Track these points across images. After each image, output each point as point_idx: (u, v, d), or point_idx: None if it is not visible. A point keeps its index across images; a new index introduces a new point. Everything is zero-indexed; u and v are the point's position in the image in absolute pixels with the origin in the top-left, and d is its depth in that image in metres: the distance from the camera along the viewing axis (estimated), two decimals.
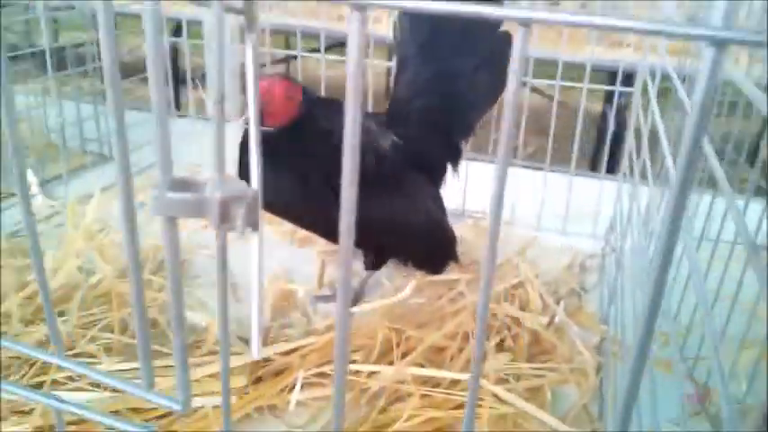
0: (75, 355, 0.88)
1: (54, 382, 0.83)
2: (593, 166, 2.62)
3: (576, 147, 1.47)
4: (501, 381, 0.93)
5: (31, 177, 1.45)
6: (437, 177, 1.23)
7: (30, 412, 0.78)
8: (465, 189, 1.50)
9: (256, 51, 0.30)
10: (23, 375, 0.84)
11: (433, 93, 1.19)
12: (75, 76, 1.61)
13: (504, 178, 0.30)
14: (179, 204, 0.29)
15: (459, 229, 1.44)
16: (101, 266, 1.08)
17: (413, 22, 1.18)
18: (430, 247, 1.16)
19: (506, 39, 1.18)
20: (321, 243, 1.29)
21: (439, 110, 1.18)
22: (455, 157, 1.25)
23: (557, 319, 1.07)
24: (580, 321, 1.09)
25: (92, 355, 0.88)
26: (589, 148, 2.78)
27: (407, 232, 1.10)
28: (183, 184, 0.30)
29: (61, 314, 0.96)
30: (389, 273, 1.23)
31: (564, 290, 1.21)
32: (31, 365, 0.85)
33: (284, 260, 1.25)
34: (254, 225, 0.28)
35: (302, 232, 1.35)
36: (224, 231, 0.30)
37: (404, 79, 1.21)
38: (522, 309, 1.10)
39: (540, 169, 1.56)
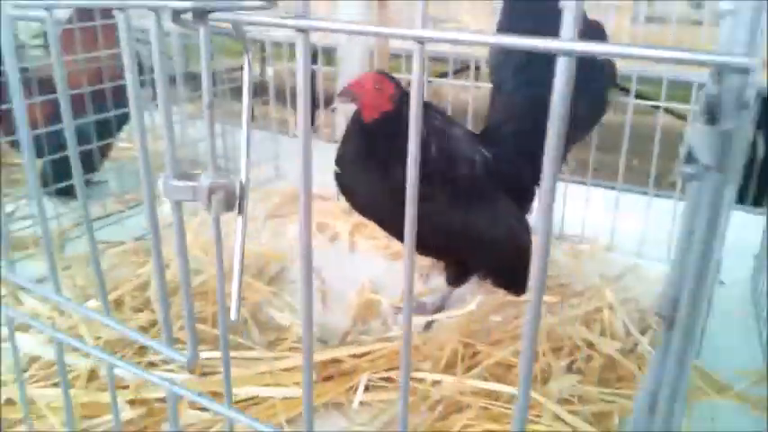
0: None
1: (150, 364, 0.95)
2: (741, 198, 2.45)
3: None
4: (565, 402, 0.92)
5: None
6: (524, 201, 1.24)
7: (126, 387, 0.90)
8: (563, 212, 1.48)
9: (250, 71, 0.37)
10: (124, 356, 0.98)
11: (526, 117, 1.20)
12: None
13: (552, 191, 0.30)
14: (180, 190, 0.36)
15: (555, 252, 1.44)
16: (206, 267, 1.21)
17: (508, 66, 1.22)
18: (510, 265, 1.16)
19: (603, 67, 1.19)
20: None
21: (530, 134, 1.18)
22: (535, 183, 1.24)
23: (639, 347, 1.03)
24: None
25: (182, 342, 1.00)
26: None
27: (487, 247, 1.11)
28: (186, 176, 0.37)
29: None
30: (474, 289, 1.24)
31: (655, 319, 1.16)
32: (132, 347, 0.99)
33: (374, 272, 1.32)
34: (231, 209, 0.35)
35: (395, 246, 1.42)
36: (216, 213, 0.36)
37: (499, 102, 1.24)
38: (603, 334, 1.07)
39: (645, 193, 1.50)
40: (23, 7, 0.40)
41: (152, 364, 0.96)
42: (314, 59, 2.51)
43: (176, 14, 0.33)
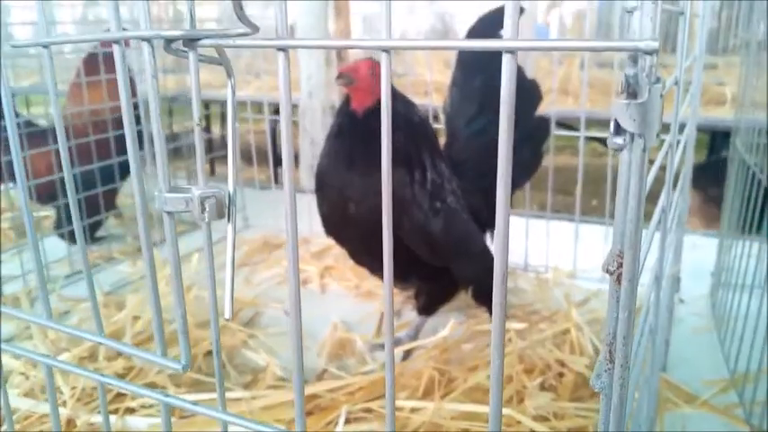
0: (148, 384, 1.00)
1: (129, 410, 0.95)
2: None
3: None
4: (541, 419, 0.94)
5: (130, 240, 1.66)
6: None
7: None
8: (526, 244, 1.54)
9: (233, 94, 0.41)
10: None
11: (480, 163, 1.26)
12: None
13: (506, 218, 0.33)
14: (174, 201, 0.39)
15: (521, 281, 1.49)
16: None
17: (462, 97, 1.29)
18: (488, 279, 1.16)
19: (545, 122, 1.31)
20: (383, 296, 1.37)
21: (482, 179, 1.23)
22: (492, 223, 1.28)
23: None
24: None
25: (163, 386, 1.00)
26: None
27: (474, 257, 1.13)
28: (178, 189, 0.40)
29: None
30: (444, 320, 1.27)
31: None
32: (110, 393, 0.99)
33: (346, 312, 1.34)
34: (221, 216, 0.38)
35: (364, 286, 1.44)
36: (207, 222, 0.39)
37: (455, 148, 1.31)
38: (572, 352, 1.11)
39: (603, 223, 1.59)
40: (21, 47, 0.44)
41: (130, 410, 0.96)
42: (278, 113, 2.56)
43: (168, 43, 0.38)
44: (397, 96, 1.08)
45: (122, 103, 0.40)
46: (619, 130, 0.28)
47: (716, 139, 3.27)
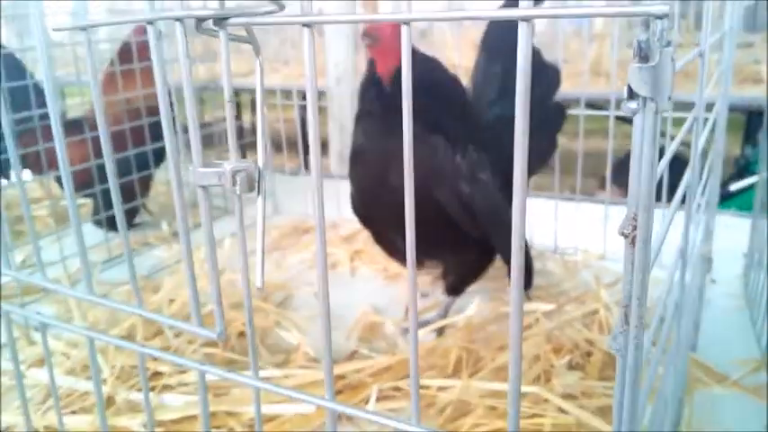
0: None
1: (166, 387, 0.99)
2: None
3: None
4: (569, 397, 0.95)
5: (165, 228, 1.71)
6: None
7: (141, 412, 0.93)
8: (556, 227, 1.53)
9: (262, 72, 0.43)
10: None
11: (500, 147, 1.24)
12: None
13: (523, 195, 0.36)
14: (207, 175, 0.41)
15: (549, 263, 1.49)
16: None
17: (484, 81, 1.29)
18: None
19: (561, 109, 1.29)
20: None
21: (502, 164, 1.22)
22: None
23: None
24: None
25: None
26: None
27: (507, 223, 1.11)
28: (210, 164, 0.42)
29: (176, 336, 1.13)
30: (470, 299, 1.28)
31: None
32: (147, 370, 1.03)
33: (375, 295, 1.36)
34: (252, 189, 0.40)
35: (392, 269, 1.46)
36: (238, 194, 0.41)
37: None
38: (601, 332, 1.11)
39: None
40: (62, 30, 0.46)
41: (167, 387, 0.99)
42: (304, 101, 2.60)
43: (199, 23, 0.39)
44: (427, 60, 1.07)
45: (158, 83, 0.42)
46: (632, 94, 0.29)
47: (752, 120, 3.18)
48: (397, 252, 1.21)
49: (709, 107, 0.93)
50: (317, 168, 0.40)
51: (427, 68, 1.07)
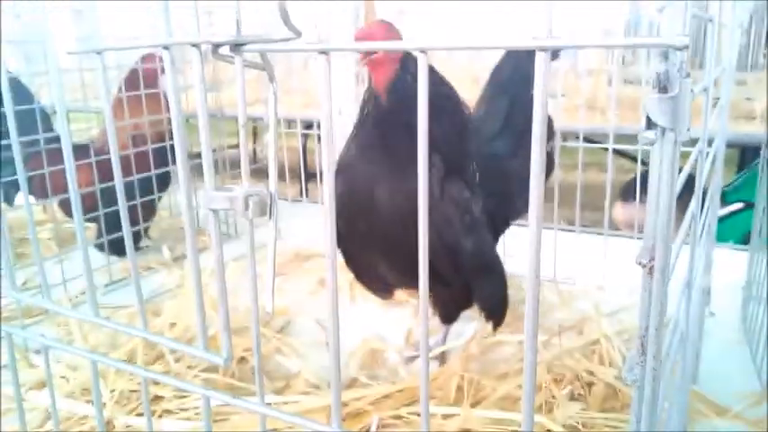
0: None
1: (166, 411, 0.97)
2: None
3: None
4: (571, 428, 0.94)
5: (166, 253, 1.70)
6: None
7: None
8: (554, 257, 1.53)
9: (275, 99, 0.43)
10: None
11: (495, 177, 1.17)
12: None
13: (538, 231, 0.36)
14: (219, 199, 0.42)
15: (548, 293, 1.49)
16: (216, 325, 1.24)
17: (487, 113, 1.29)
18: (501, 290, 1.13)
19: (550, 159, 1.29)
20: (411, 303, 1.38)
21: (493, 187, 1.21)
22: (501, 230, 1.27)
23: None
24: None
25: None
26: None
27: (488, 269, 1.09)
28: (222, 188, 0.42)
29: (177, 360, 1.12)
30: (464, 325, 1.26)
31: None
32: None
33: (375, 322, 1.35)
34: (263, 214, 0.40)
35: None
36: (250, 219, 0.41)
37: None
38: (601, 363, 1.11)
39: (631, 237, 1.58)
40: (75, 53, 0.47)
41: (167, 412, 0.98)
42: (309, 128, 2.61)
43: (215, 48, 0.40)
44: (433, 74, 0.97)
45: (172, 108, 0.43)
46: (650, 124, 0.29)
47: (746, 155, 3.23)
48: (373, 275, 1.14)
49: (709, 142, 0.94)
50: (331, 199, 0.40)
51: (433, 82, 1.04)
